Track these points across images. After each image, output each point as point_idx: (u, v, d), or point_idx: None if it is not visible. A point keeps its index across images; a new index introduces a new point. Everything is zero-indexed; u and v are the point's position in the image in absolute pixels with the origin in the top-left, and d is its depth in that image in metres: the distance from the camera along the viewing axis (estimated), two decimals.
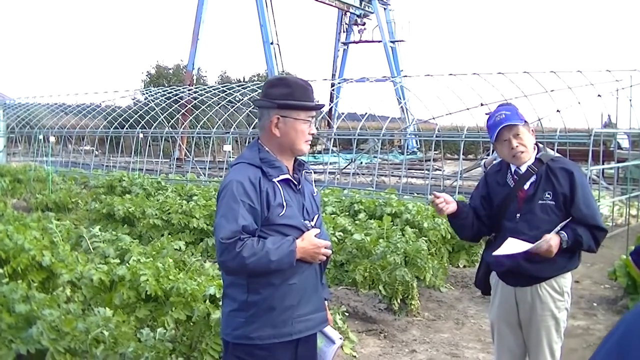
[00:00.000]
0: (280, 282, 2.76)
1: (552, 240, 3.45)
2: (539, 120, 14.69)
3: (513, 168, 3.73)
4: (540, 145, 3.80)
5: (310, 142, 2.93)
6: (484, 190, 3.87)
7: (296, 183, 2.88)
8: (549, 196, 3.57)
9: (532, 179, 3.65)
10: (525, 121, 3.68)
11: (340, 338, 3.05)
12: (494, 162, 6.95)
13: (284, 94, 2.83)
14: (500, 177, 3.80)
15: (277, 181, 2.78)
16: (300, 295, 2.82)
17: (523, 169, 3.68)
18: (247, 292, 2.76)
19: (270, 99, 2.86)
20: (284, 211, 2.77)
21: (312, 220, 2.91)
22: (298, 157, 2.97)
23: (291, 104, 2.82)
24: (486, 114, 8.14)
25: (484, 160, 8.18)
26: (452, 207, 3.66)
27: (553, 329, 3.65)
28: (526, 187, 3.66)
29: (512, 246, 3.50)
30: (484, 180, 3.96)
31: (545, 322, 3.64)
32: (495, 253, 3.52)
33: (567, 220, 3.49)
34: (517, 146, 3.61)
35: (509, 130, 3.61)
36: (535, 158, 3.68)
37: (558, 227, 3.47)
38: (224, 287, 2.93)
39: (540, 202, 3.59)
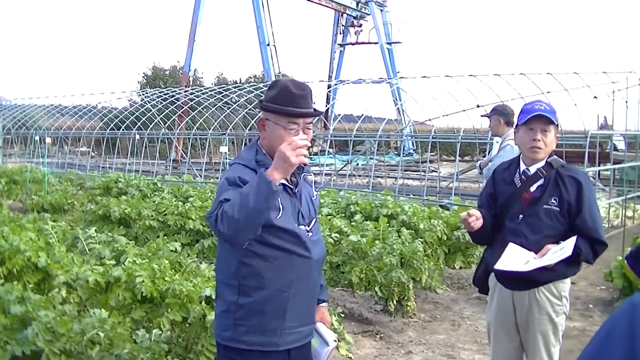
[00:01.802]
0: (274, 288, 2.72)
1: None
2: None
3: (522, 168, 3.71)
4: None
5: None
6: (491, 188, 3.85)
7: (292, 187, 2.83)
8: (554, 202, 3.56)
9: (540, 182, 3.63)
10: (558, 126, 3.69)
11: (335, 340, 3.04)
12: (489, 163, 6.97)
13: (270, 97, 2.78)
14: (508, 175, 3.78)
15: None
16: (293, 306, 2.77)
17: (532, 170, 3.66)
18: (238, 293, 2.73)
19: (264, 101, 2.83)
20: (279, 214, 2.72)
21: (309, 225, 2.86)
22: None
23: (271, 107, 2.76)
24: (482, 116, 8.15)
25: (479, 162, 8.18)
26: (480, 222, 3.62)
27: (550, 332, 3.64)
28: (532, 189, 3.64)
29: (514, 256, 3.47)
30: (491, 178, 3.93)
31: (543, 326, 3.62)
32: (497, 267, 3.48)
33: (574, 237, 3.45)
34: (539, 140, 3.59)
35: (541, 121, 3.59)
36: (546, 162, 3.66)
37: (568, 245, 3.42)
38: (217, 287, 2.91)
39: (545, 206, 3.56)
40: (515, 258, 3.47)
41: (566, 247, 3.40)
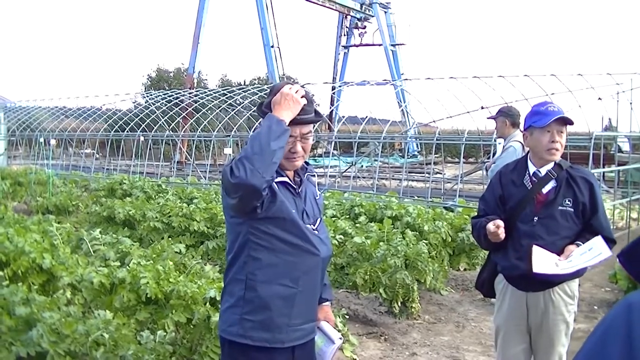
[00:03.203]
0: (282, 284, 2.74)
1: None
2: None
3: (532, 170, 3.70)
4: None
5: (294, 159, 2.80)
6: (499, 191, 3.80)
7: (295, 187, 2.84)
8: (569, 203, 3.57)
9: (552, 183, 3.63)
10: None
11: (340, 338, 3.03)
12: (493, 164, 6.96)
13: (268, 103, 2.75)
14: (516, 176, 3.75)
15: (275, 182, 2.75)
16: (299, 303, 2.78)
17: (543, 171, 3.66)
18: (245, 288, 2.74)
19: (263, 106, 2.79)
20: (290, 208, 2.74)
21: (314, 224, 2.87)
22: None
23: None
24: (488, 118, 8.14)
25: (485, 164, 8.18)
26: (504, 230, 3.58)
27: (563, 333, 3.66)
28: (545, 190, 3.64)
29: (543, 259, 3.46)
30: (497, 180, 3.87)
31: (557, 327, 3.64)
32: (536, 271, 3.41)
33: (599, 237, 3.47)
34: (557, 142, 3.60)
35: (559, 124, 3.60)
36: (555, 163, 3.67)
37: (597, 245, 3.42)
38: (225, 283, 2.91)
39: (560, 207, 3.58)
40: (545, 261, 3.46)
41: (596, 248, 3.42)
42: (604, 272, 7.78)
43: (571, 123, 3.63)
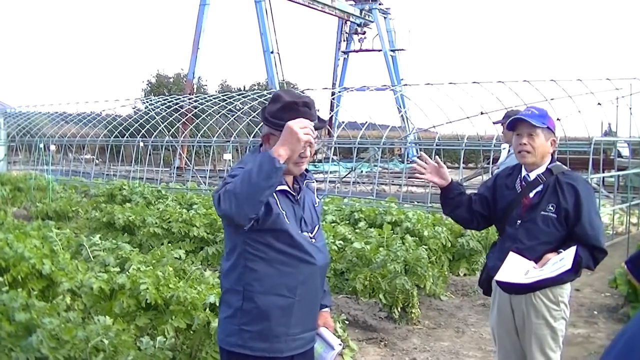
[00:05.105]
0: (279, 294, 2.74)
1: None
2: None
3: (523, 174, 3.73)
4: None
5: (302, 164, 2.81)
6: (488, 191, 3.86)
7: (294, 194, 2.84)
8: (552, 208, 3.57)
9: (539, 188, 3.64)
10: (549, 128, 3.67)
11: (340, 344, 3.04)
12: (496, 169, 6.96)
13: (274, 112, 2.74)
14: (510, 181, 3.79)
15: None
16: (297, 312, 2.78)
17: (532, 176, 3.68)
18: (242, 299, 2.74)
19: (266, 113, 2.79)
20: (286, 219, 2.73)
21: (312, 232, 2.87)
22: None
23: (277, 123, 2.70)
24: (494, 122, 8.14)
25: (492, 170, 8.19)
26: (431, 178, 3.76)
27: (549, 337, 3.64)
28: (531, 195, 3.66)
29: (514, 266, 3.47)
30: (492, 180, 3.95)
31: (540, 331, 3.63)
32: (498, 278, 3.51)
33: (574, 248, 3.42)
34: (524, 144, 3.62)
35: (524, 126, 3.62)
36: (546, 168, 3.67)
37: (568, 256, 3.38)
38: (222, 293, 2.91)
39: (542, 212, 3.58)
40: (515, 268, 3.48)
41: (566, 259, 3.38)
42: (604, 277, 7.78)
43: (532, 125, 3.60)
